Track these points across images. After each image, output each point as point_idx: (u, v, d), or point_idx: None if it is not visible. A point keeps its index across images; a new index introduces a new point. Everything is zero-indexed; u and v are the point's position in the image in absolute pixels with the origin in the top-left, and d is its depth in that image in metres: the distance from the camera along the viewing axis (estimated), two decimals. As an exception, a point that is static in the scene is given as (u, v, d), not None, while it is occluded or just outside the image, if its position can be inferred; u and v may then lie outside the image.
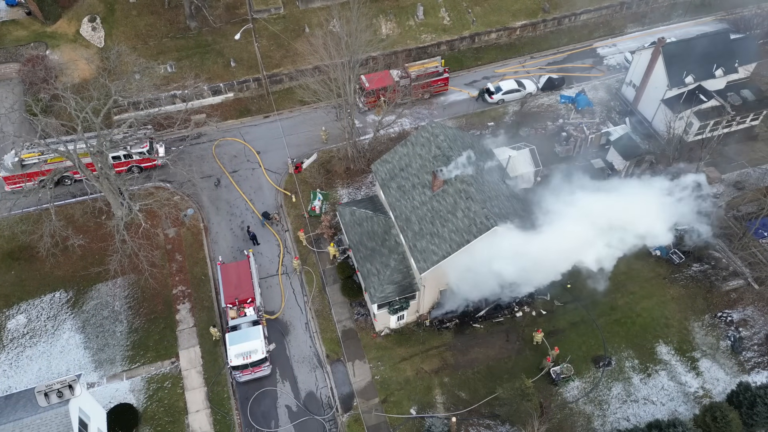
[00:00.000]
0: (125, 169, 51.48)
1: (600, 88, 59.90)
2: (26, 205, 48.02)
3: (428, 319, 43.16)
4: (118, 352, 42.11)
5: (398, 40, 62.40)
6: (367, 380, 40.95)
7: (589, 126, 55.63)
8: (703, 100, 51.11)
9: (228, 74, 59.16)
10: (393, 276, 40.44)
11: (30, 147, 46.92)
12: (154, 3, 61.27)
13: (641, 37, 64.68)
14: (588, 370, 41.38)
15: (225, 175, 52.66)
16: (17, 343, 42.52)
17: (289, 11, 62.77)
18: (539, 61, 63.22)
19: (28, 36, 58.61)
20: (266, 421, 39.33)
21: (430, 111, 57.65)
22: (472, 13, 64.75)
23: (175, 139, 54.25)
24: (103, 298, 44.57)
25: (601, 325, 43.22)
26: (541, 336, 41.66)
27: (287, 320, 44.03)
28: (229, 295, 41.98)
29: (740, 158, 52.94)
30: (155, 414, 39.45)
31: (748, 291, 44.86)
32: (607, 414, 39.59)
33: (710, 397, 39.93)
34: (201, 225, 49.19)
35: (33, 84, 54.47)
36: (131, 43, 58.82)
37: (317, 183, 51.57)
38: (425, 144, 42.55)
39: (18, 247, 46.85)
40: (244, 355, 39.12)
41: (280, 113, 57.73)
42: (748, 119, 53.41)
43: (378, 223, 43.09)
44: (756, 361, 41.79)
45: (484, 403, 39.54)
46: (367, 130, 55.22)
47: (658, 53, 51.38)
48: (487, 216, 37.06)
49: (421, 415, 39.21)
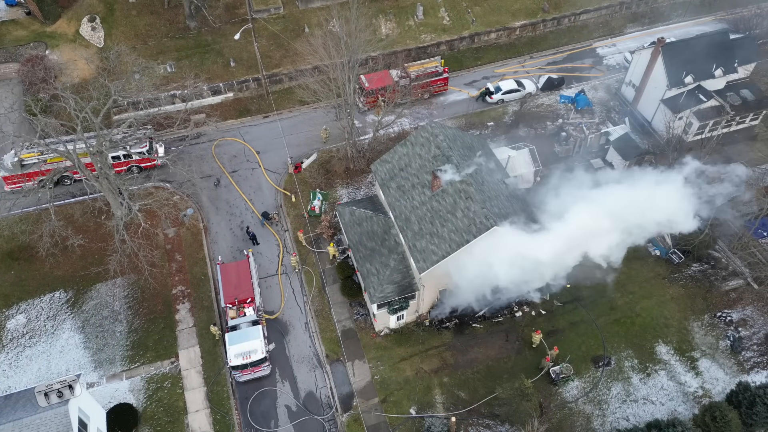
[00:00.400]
0: (125, 169, 51.49)
1: (599, 88, 59.93)
2: (26, 205, 48.02)
3: (428, 319, 43.18)
4: (118, 352, 42.11)
5: (398, 40, 62.42)
6: (366, 380, 40.97)
7: (588, 126, 55.66)
8: (702, 100, 51.14)
9: (227, 74, 59.17)
10: (392, 276, 40.45)
11: (29, 147, 46.92)
12: (154, 3, 61.27)
13: (641, 37, 64.70)
14: (587, 369, 41.40)
15: (225, 175, 52.67)
16: (17, 343, 42.52)
17: (289, 11, 62.79)
18: (539, 61, 63.24)
19: (28, 36, 58.61)
20: (266, 421, 39.34)
21: (430, 111, 57.67)
22: (471, 13, 64.77)
23: (174, 139, 54.28)
24: (103, 298, 44.57)
25: (600, 324, 43.23)
26: (539, 337, 41.68)
27: (287, 320, 44.04)
28: (228, 295, 41.98)
29: (740, 158, 52.94)
30: (155, 414, 39.46)
31: (747, 291, 44.88)
32: (607, 414, 39.60)
33: (709, 397, 39.96)
34: (200, 225, 49.20)
35: (32, 84, 54.47)
36: (131, 43, 58.83)
37: (317, 183, 51.59)
38: (425, 144, 42.57)
39: (18, 247, 46.85)
40: (244, 354, 39.12)
41: (279, 113, 57.74)
42: (748, 119, 53.45)
43: (377, 222, 43.11)
44: (755, 360, 41.81)
45: (483, 403, 39.55)
46: (367, 130, 55.23)
47: (657, 53, 51.40)
48: (487, 216, 37.06)
49: (420, 415, 39.22)
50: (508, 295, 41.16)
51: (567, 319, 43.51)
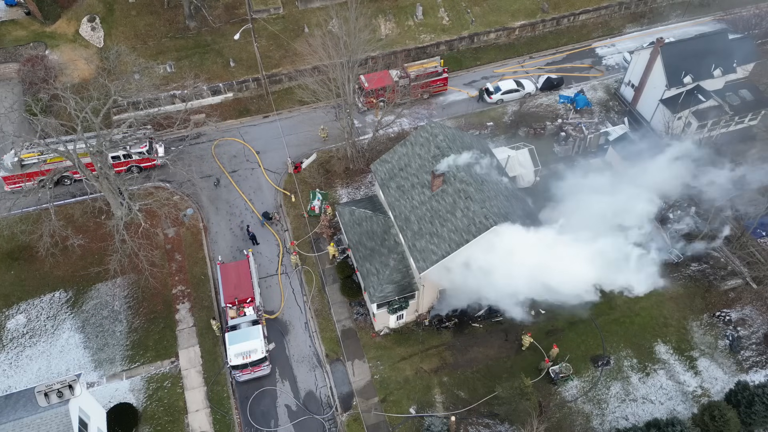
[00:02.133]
0: (125, 168, 51.51)
1: (599, 88, 60.02)
2: (26, 204, 48.03)
3: (427, 319, 43.24)
4: (118, 352, 42.16)
5: (397, 40, 62.48)
6: (366, 379, 41.03)
7: (587, 126, 55.76)
8: (701, 100, 51.24)
9: (227, 74, 59.22)
10: (392, 275, 40.52)
11: (29, 147, 46.89)
12: (154, 3, 61.31)
13: (640, 37, 64.78)
14: (587, 369, 41.48)
15: (224, 174, 52.71)
16: (17, 343, 42.55)
17: (289, 11, 62.84)
18: (538, 61, 63.32)
19: (28, 36, 58.62)
20: (266, 421, 39.40)
21: (429, 111, 57.73)
22: (471, 13, 64.84)
23: (174, 139, 54.31)
24: (103, 298, 44.62)
25: (599, 324, 43.32)
26: (530, 339, 41.58)
27: (287, 320, 44.10)
28: (228, 295, 42.02)
29: (738, 158, 53.01)
30: (155, 413, 39.51)
31: (746, 290, 44.96)
32: (606, 413, 39.69)
33: (708, 396, 40.06)
34: (200, 225, 49.25)
35: (32, 84, 54.48)
36: (130, 43, 58.86)
37: (316, 183, 51.64)
38: (424, 144, 42.63)
39: (18, 246, 46.86)
40: (244, 354, 39.17)
41: (279, 113, 57.79)
42: (747, 119, 53.55)
43: (377, 222, 43.17)
44: (754, 360, 41.92)
45: (483, 403, 39.62)
46: (367, 130, 55.29)
47: (656, 53, 51.49)
48: (486, 216, 37.12)
49: (420, 415, 39.29)
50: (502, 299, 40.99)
51: (566, 318, 43.56)
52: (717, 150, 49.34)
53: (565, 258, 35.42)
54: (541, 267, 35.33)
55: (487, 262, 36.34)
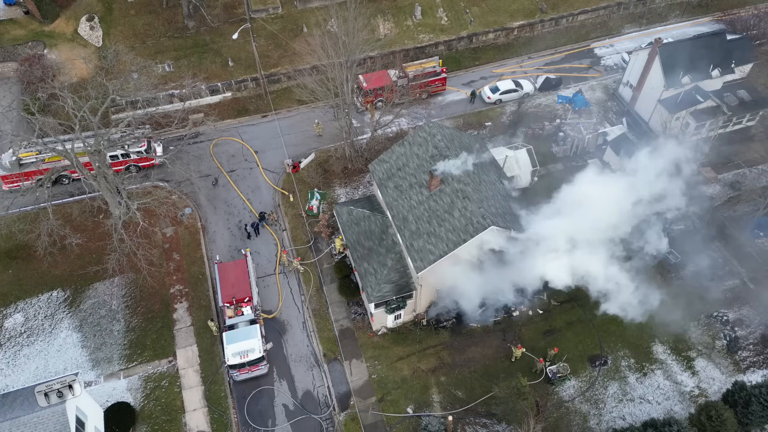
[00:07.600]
0: (123, 168, 51.51)
1: (597, 89, 60.05)
2: (24, 204, 47.97)
3: (425, 319, 43.26)
4: (116, 351, 42.15)
5: (396, 40, 62.48)
6: (364, 379, 41.05)
7: (586, 126, 55.76)
8: (699, 100, 51.26)
9: (226, 74, 59.21)
10: (390, 275, 40.54)
11: (27, 146, 46.92)
12: (152, 2, 61.26)
13: (638, 38, 64.82)
14: (584, 369, 41.52)
15: (223, 174, 52.71)
16: (14, 342, 42.53)
17: (287, 11, 62.82)
18: (537, 62, 63.34)
19: (26, 35, 58.57)
20: (263, 420, 39.41)
21: (428, 111, 57.76)
22: (469, 13, 64.86)
23: (172, 138, 54.27)
24: (101, 297, 44.61)
25: (597, 324, 43.34)
26: (521, 351, 41.34)
27: (284, 319, 44.11)
28: (226, 294, 42.02)
29: (736, 158, 53.12)
30: (152, 413, 39.51)
31: (743, 290, 44.99)
32: (603, 413, 39.73)
33: (706, 396, 40.11)
34: (199, 224, 49.24)
35: (30, 83, 54.46)
36: (129, 42, 58.84)
37: (315, 182, 51.65)
38: (422, 144, 42.66)
39: (15, 246, 46.83)
40: (242, 354, 39.17)
41: (277, 113, 57.79)
42: (745, 119, 53.57)
43: (375, 222, 43.18)
44: (751, 360, 41.96)
45: (480, 402, 39.67)
46: (365, 130, 55.28)
47: (655, 54, 51.51)
48: (484, 215, 37.17)
49: (417, 414, 39.31)
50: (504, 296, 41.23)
51: (564, 318, 43.63)
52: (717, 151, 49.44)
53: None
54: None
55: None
